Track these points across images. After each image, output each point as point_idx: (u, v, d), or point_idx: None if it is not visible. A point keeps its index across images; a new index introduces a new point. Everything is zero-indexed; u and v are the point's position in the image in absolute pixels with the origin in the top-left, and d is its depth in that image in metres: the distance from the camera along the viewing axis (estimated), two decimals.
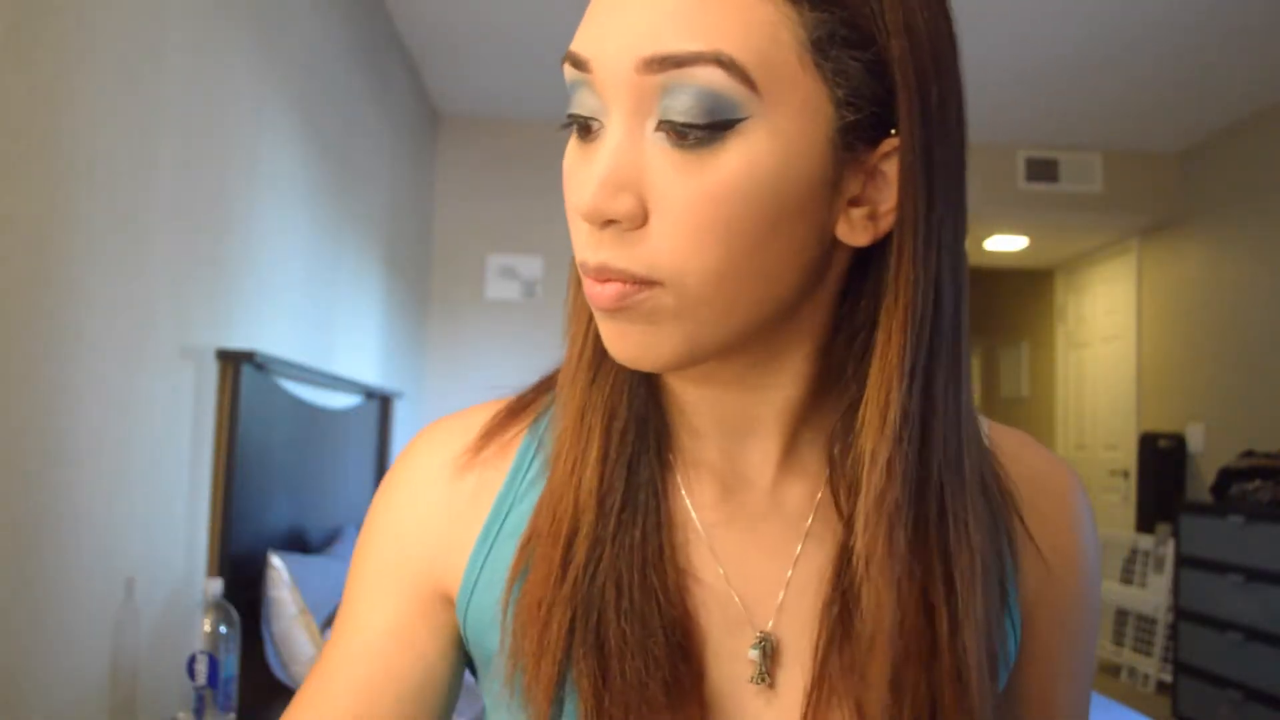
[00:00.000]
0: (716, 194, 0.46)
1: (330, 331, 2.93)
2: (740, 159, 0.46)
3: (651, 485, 0.55)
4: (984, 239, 5.57)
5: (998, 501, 0.57)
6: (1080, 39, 3.59)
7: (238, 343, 2.12)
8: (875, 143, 0.49)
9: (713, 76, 0.45)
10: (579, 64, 0.49)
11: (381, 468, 3.49)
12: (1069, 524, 0.60)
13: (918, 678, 0.50)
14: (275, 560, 2.00)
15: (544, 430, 0.59)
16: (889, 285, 0.49)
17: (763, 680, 0.53)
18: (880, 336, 0.50)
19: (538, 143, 4.57)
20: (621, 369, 0.55)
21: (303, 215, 2.62)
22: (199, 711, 1.59)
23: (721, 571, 0.55)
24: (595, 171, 0.47)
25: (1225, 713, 3.57)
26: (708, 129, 0.45)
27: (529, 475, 0.58)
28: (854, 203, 0.50)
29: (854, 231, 0.50)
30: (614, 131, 0.48)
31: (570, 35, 0.52)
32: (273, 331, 2.37)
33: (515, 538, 0.56)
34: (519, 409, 0.61)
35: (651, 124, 0.47)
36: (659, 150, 0.47)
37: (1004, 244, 5.66)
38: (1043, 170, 4.75)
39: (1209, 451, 4.50)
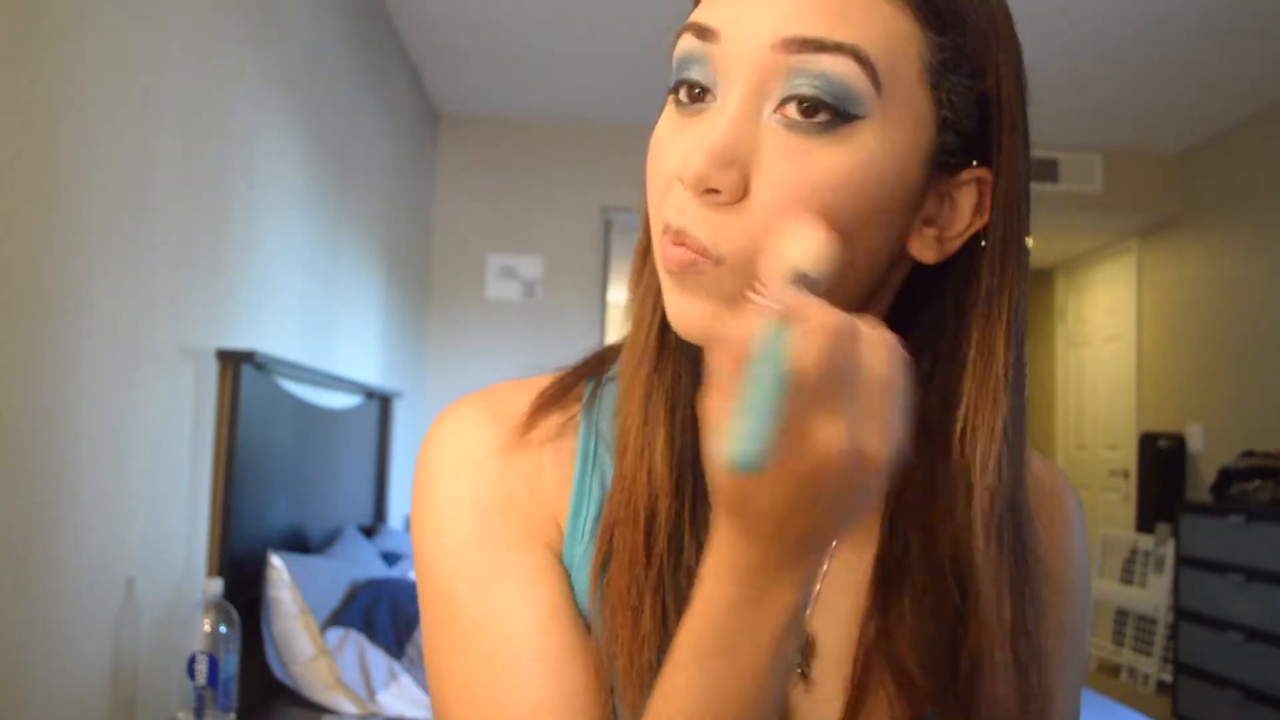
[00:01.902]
0: (819, 182, 0.48)
1: (330, 331, 2.93)
2: (850, 154, 0.48)
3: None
4: None
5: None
6: (1080, 39, 3.59)
7: (238, 343, 2.12)
8: (958, 170, 0.52)
9: (847, 68, 0.47)
10: (705, 33, 0.50)
11: (382, 468, 3.49)
12: (1065, 525, 0.64)
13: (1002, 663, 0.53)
14: (275, 560, 2.00)
15: (598, 417, 0.59)
16: (983, 300, 0.53)
17: (799, 671, 0.55)
18: (978, 351, 0.53)
19: (538, 143, 4.57)
20: (682, 357, 0.56)
21: (303, 215, 2.62)
22: (199, 711, 1.59)
23: None
24: (705, 140, 0.48)
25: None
26: (828, 119, 0.47)
27: (597, 463, 0.57)
28: (927, 222, 0.53)
29: (924, 249, 0.53)
30: (732, 105, 0.49)
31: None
32: (273, 331, 2.37)
33: (596, 525, 0.56)
34: (561, 393, 0.60)
35: (770, 106, 0.48)
36: (773, 132, 0.48)
37: None
38: (1043, 170, 4.75)
39: (1209, 451, 4.50)
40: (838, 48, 0.47)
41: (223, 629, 1.63)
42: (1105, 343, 5.59)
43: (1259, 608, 3.47)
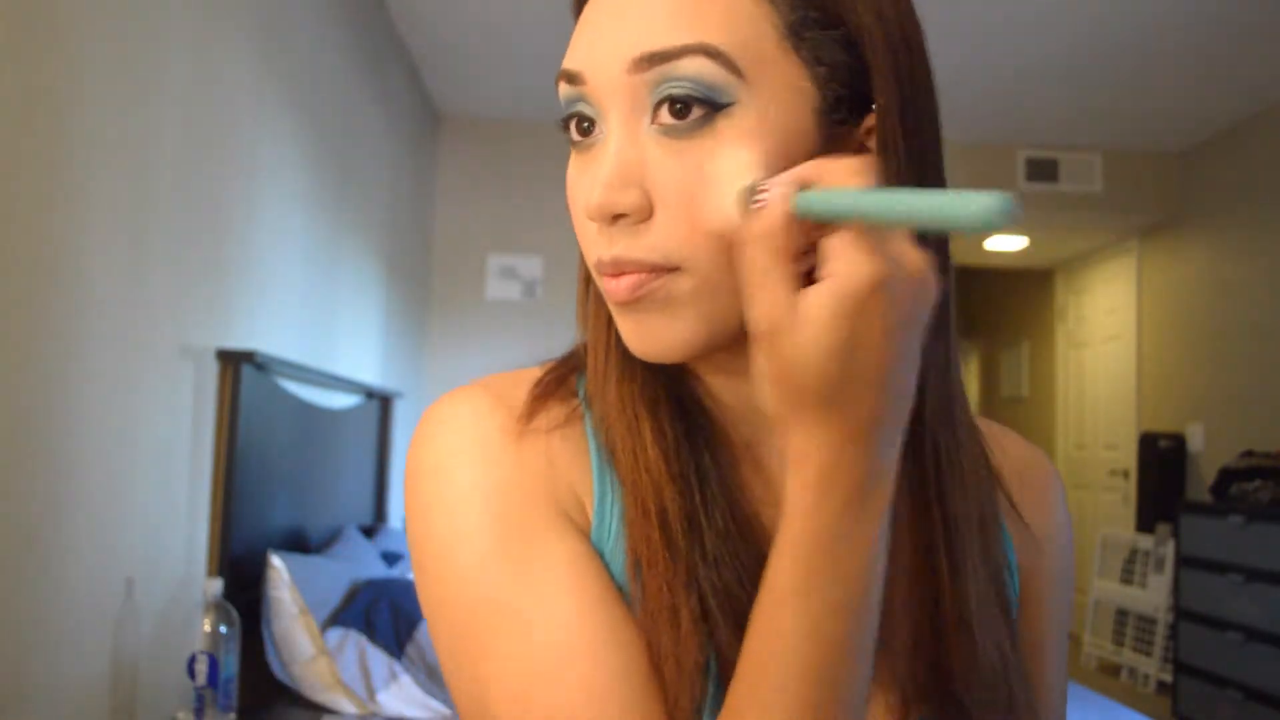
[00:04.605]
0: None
1: (330, 331, 2.93)
2: (734, 141, 0.49)
3: (716, 465, 0.55)
4: (984, 239, 5.57)
5: (986, 470, 0.61)
6: (1081, 39, 3.59)
7: (238, 343, 2.12)
8: (861, 119, 0.52)
9: (701, 66, 0.48)
10: (572, 79, 0.52)
11: (382, 468, 3.49)
12: (1049, 505, 0.65)
13: (922, 622, 0.54)
14: (275, 560, 2.00)
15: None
16: None
17: None
18: None
19: (538, 143, 4.57)
20: (649, 367, 0.56)
21: (303, 216, 2.62)
22: (199, 711, 1.59)
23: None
24: (600, 172, 0.50)
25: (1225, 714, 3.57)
26: (700, 115, 0.49)
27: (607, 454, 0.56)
28: None
29: None
30: (614, 134, 0.51)
31: (570, 35, 0.54)
32: (273, 331, 2.37)
33: (622, 519, 0.54)
34: (556, 384, 0.58)
35: (647, 120, 0.50)
36: (656, 143, 0.50)
37: (1004, 244, 5.66)
38: (1043, 170, 4.75)
39: (1209, 451, 4.50)
40: (684, 50, 0.48)
41: (223, 629, 1.63)
42: (1105, 343, 5.59)
43: (1259, 608, 3.47)
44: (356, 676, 1.96)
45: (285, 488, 2.37)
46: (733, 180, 0.46)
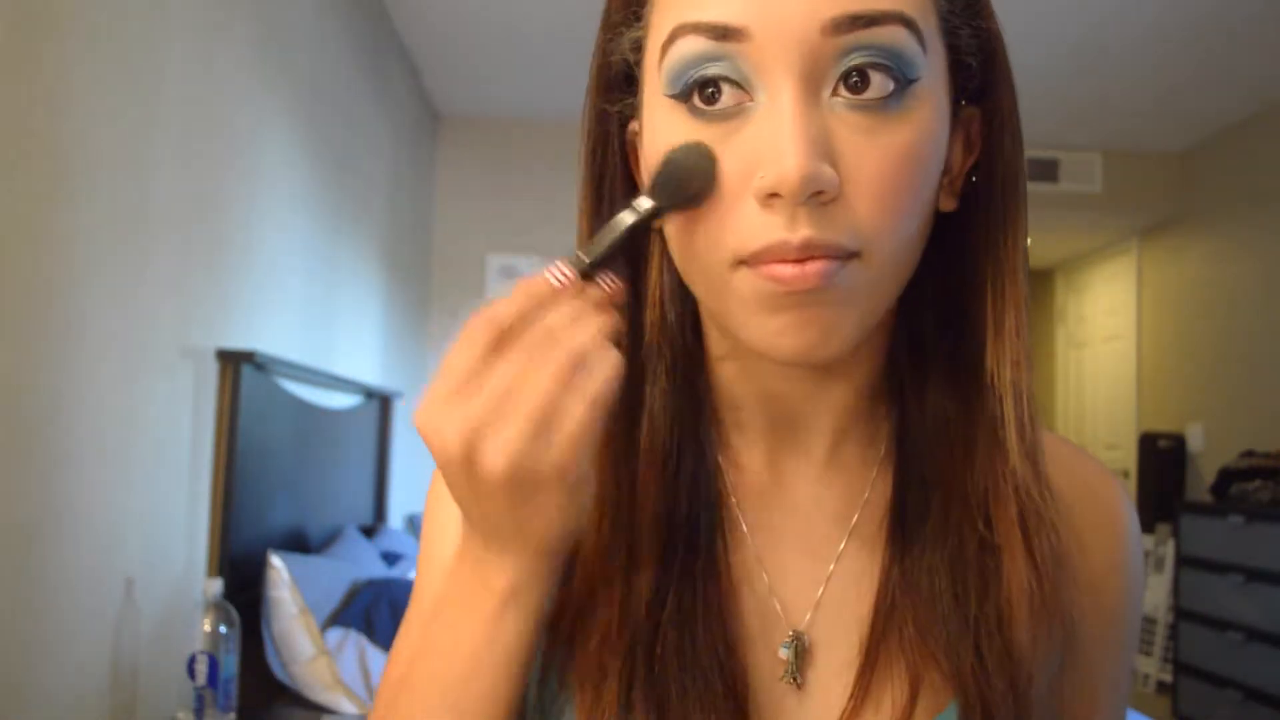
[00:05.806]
0: (906, 154, 0.46)
1: (330, 331, 2.93)
2: (918, 119, 0.46)
3: (710, 509, 0.54)
4: None
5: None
6: (1080, 38, 3.59)
7: (238, 343, 2.12)
8: (958, 113, 0.52)
9: (898, 36, 0.45)
10: (728, 34, 0.45)
11: (382, 468, 3.49)
12: (1118, 535, 0.59)
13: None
14: (275, 560, 2.00)
15: None
16: (999, 235, 0.52)
17: (793, 679, 0.52)
18: (995, 286, 0.52)
19: (538, 143, 4.57)
20: (665, 385, 0.55)
21: (302, 215, 2.62)
22: (199, 711, 1.59)
23: (766, 579, 0.55)
24: (780, 143, 0.44)
25: (1225, 714, 3.57)
26: (890, 90, 0.45)
27: None
28: (943, 170, 0.51)
29: (946, 198, 0.52)
30: (784, 101, 0.45)
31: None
32: (273, 331, 2.37)
33: None
34: None
35: (827, 90, 0.45)
36: (840, 117, 0.45)
37: None
38: (1043, 170, 4.74)
39: (1209, 451, 4.49)
40: (885, 17, 0.45)
41: (223, 629, 1.63)
42: (1105, 343, 5.59)
43: (1259, 608, 3.47)
44: (356, 676, 1.96)
45: (285, 488, 2.37)
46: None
